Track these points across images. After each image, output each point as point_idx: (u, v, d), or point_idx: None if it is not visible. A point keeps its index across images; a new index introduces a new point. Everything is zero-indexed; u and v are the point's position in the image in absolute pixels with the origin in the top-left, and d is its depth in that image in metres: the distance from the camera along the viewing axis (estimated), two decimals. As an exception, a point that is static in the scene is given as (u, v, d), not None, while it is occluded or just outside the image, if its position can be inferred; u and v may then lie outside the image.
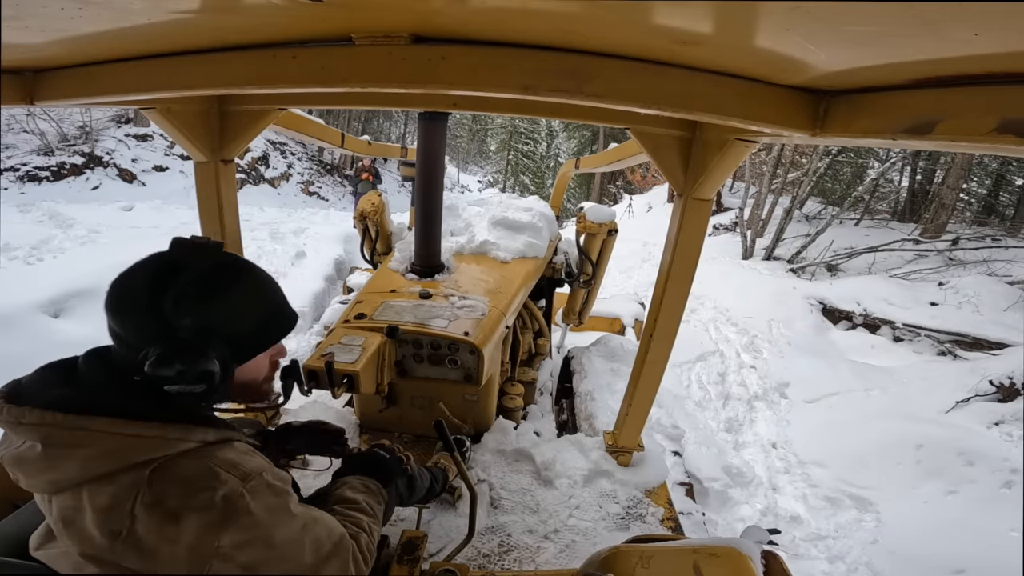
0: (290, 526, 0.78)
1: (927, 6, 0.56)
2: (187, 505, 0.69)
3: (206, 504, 0.70)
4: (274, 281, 0.91)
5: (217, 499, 0.71)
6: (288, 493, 0.81)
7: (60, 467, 0.69)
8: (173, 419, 0.75)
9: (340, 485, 1.11)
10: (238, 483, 0.74)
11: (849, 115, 1.01)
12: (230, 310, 0.80)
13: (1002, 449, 3.94)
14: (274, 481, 0.79)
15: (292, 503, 0.81)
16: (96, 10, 0.85)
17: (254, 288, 0.85)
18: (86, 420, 0.70)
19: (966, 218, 11.01)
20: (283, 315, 0.89)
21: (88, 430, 0.70)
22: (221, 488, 0.72)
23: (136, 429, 0.72)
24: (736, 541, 1.23)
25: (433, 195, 2.40)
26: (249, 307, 0.83)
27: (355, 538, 0.93)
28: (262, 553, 0.74)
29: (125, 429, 0.71)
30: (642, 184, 18.17)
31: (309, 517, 0.83)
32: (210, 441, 0.78)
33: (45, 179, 9.64)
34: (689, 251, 1.75)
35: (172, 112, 1.64)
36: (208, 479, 0.72)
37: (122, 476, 0.69)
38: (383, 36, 1.01)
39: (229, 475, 0.74)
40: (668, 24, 0.82)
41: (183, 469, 0.72)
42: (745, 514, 3.69)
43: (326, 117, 14.34)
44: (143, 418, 0.73)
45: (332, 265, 6.79)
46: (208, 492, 0.71)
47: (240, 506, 0.72)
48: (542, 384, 3.17)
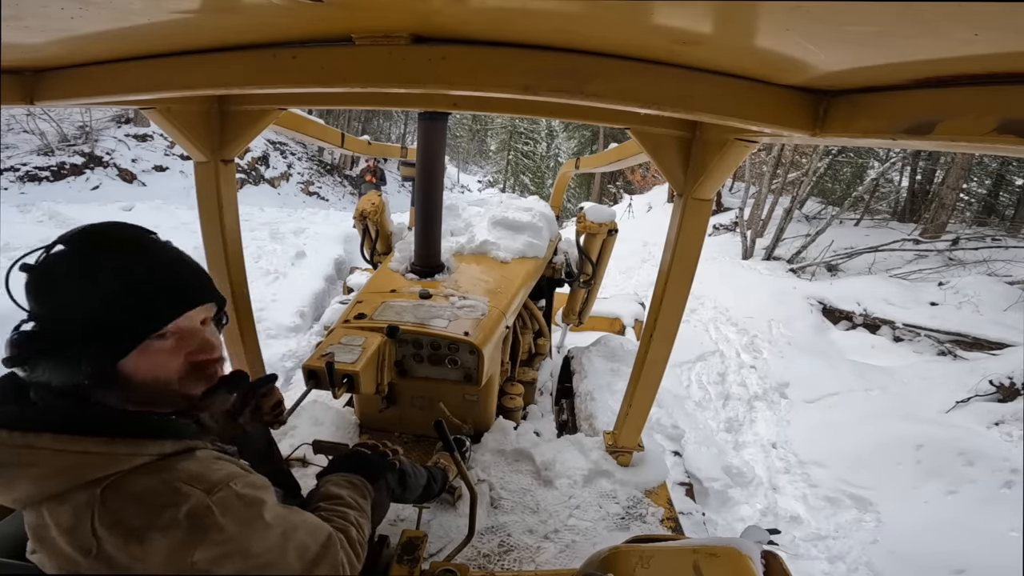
0: (267, 535, 0.74)
1: (927, 6, 0.56)
2: (150, 524, 0.65)
3: (170, 522, 0.66)
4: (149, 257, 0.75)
5: (181, 516, 0.66)
6: (262, 501, 0.76)
7: (15, 486, 0.67)
8: (123, 432, 0.70)
9: (323, 484, 1.10)
10: (203, 496, 0.69)
11: (849, 115, 1.01)
12: (70, 294, 0.70)
13: (1002, 449, 3.94)
14: (244, 490, 0.74)
15: (267, 511, 0.76)
16: (96, 10, 0.85)
17: (105, 265, 0.71)
18: (32, 437, 0.66)
19: (966, 218, 11.01)
20: (144, 295, 0.72)
21: (33, 447, 0.66)
22: (184, 504, 0.67)
23: (83, 446, 0.67)
24: (736, 541, 1.23)
25: (433, 195, 2.40)
26: (93, 288, 0.70)
27: (343, 532, 0.92)
28: (241, 565, 0.70)
29: (70, 446, 0.67)
30: (642, 184, 18.17)
31: (288, 524, 0.78)
32: (168, 453, 0.72)
33: (45, 179, 9.64)
34: (689, 251, 1.75)
35: (172, 112, 1.64)
36: (169, 495, 0.68)
37: (75, 495, 0.66)
38: (383, 36, 1.01)
39: (192, 488, 0.69)
40: (668, 24, 0.82)
41: (138, 485, 0.68)
42: (745, 514, 3.69)
43: (326, 117, 14.34)
44: (90, 433, 0.68)
45: (332, 265, 6.79)
46: (171, 509, 0.67)
47: (208, 522, 0.68)
48: (542, 384, 3.17)
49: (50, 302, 0.71)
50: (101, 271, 0.71)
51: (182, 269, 0.79)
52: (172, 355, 0.76)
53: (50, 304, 0.71)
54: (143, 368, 0.73)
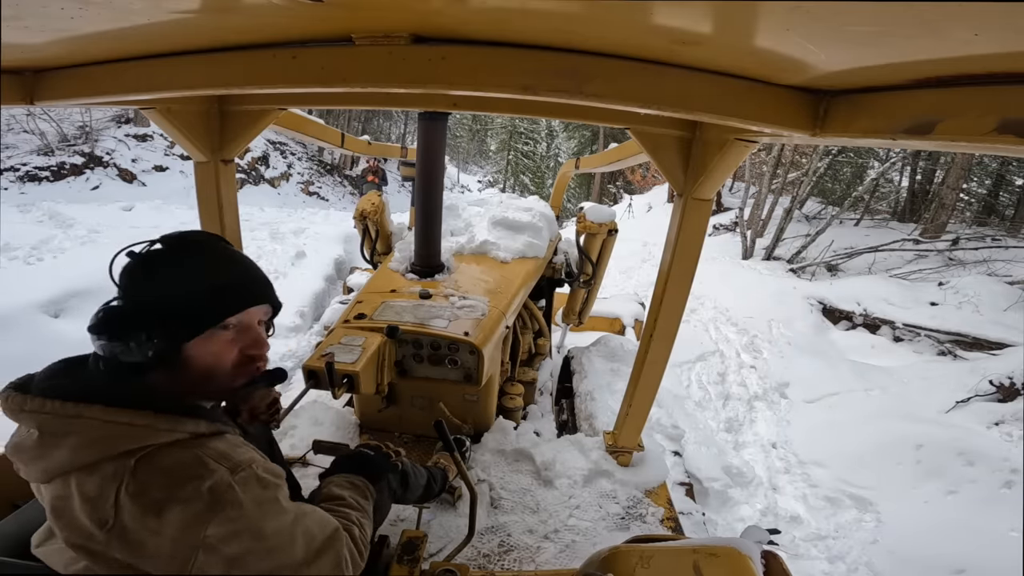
0: (280, 519, 0.77)
1: (927, 6, 0.56)
2: (172, 496, 0.69)
3: (192, 494, 0.70)
4: (226, 259, 0.88)
5: (204, 489, 0.70)
6: (279, 487, 0.80)
7: (51, 455, 0.71)
8: (165, 410, 0.76)
9: (325, 485, 1.11)
10: (227, 473, 0.73)
11: (849, 115, 1.01)
12: (162, 283, 0.80)
13: (1002, 449, 3.94)
14: (264, 474, 0.78)
15: (283, 497, 0.80)
16: (96, 10, 0.85)
17: (190, 261, 0.84)
18: (82, 408, 0.72)
19: (966, 218, 11.02)
20: (221, 289, 0.84)
21: (83, 417, 0.71)
22: (209, 478, 0.71)
23: (128, 417, 0.72)
24: (736, 541, 1.23)
25: (433, 195, 2.40)
26: (179, 279, 0.81)
27: (347, 531, 0.93)
28: (250, 545, 0.73)
29: (117, 417, 0.72)
30: (642, 184, 18.17)
31: (300, 511, 0.82)
32: (202, 432, 0.78)
33: (45, 179, 9.64)
34: (689, 251, 1.75)
35: (172, 112, 1.64)
36: (195, 468, 0.72)
37: (107, 465, 0.70)
38: (383, 36, 1.01)
39: (219, 465, 0.73)
40: (668, 24, 0.82)
41: (169, 459, 0.72)
42: (745, 514, 3.69)
43: (326, 117, 14.34)
44: (136, 407, 0.74)
45: (332, 265, 6.80)
46: (195, 482, 0.71)
47: (228, 497, 0.71)
48: (542, 384, 3.17)
49: (140, 286, 0.81)
50: (185, 266, 0.83)
51: (249, 272, 0.91)
52: (230, 345, 0.85)
53: (140, 288, 0.81)
54: (204, 352, 0.82)
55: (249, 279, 0.89)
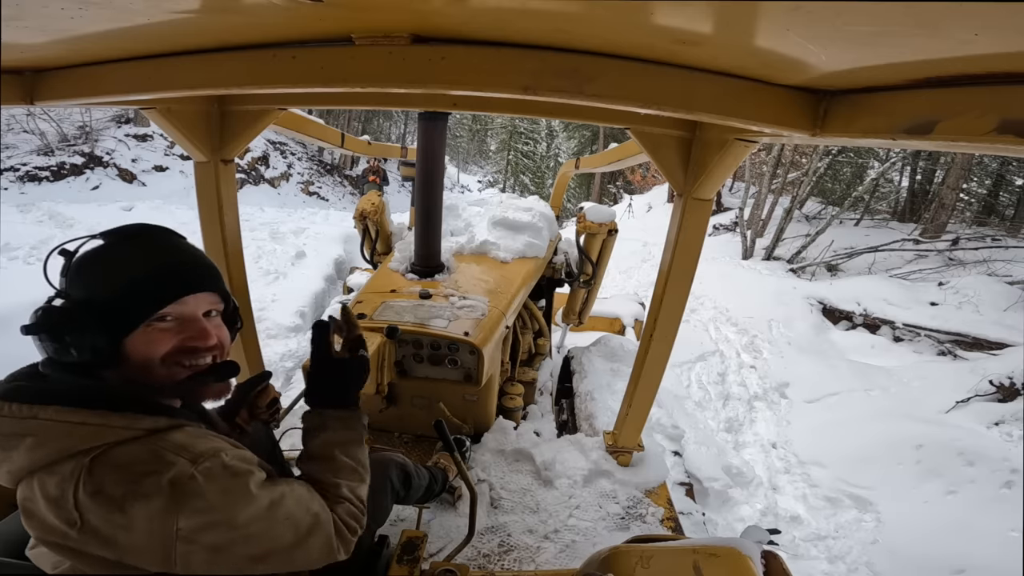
0: (252, 506, 0.75)
1: (927, 6, 0.56)
2: (132, 492, 0.68)
3: (152, 489, 0.68)
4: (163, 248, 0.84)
5: (164, 483, 0.68)
6: (249, 473, 0.77)
7: (11, 457, 0.70)
8: (121, 407, 0.74)
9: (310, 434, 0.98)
10: (188, 465, 0.71)
11: (849, 115, 1.01)
12: (95, 278, 0.79)
13: (1002, 449, 3.94)
14: (231, 461, 0.76)
15: (254, 483, 0.77)
16: (96, 10, 0.85)
17: (124, 253, 0.81)
18: (38, 409, 0.71)
19: (966, 218, 11.01)
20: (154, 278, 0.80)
21: (38, 419, 0.71)
22: (168, 471, 0.69)
23: (81, 417, 0.72)
24: (736, 541, 1.23)
25: (433, 195, 2.40)
26: (112, 272, 0.79)
27: (334, 509, 0.88)
28: (226, 535, 0.72)
29: (71, 417, 0.71)
30: (642, 184, 18.17)
31: (276, 494, 0.79)
32: (160, 428, 0.75)
33: (45, 179, 9.64)
34: (689, 251, 1.75)
35: (172, 112, 1.64)
36: (152, 462, 0.70)
37: (64, 465, 0.69)
38: (383, 36, 1.01)
39: (177, 457, 0.71)
40: (668, 24, 0.82)
41: (125, 455, 0.71)
42: (745, 514, 3.69)
43: (326, 117, 14.35)
44: (90, 406, 0.73)
45: (332, 265, 6.79)
46: (153, 476, 0.69)
47: (190, 489, 0.69)
48: (542, 384, 3.17)
49: (73, 283, 0.79)
50: (117, 259, 0.80)
51: (186, 260, 0.85)
52: (168, 337, 0.81)
53: (73, 285, 0.79)
54: (140, 346, 0.78)
55: (185, 267, 0.84)
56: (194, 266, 0.85)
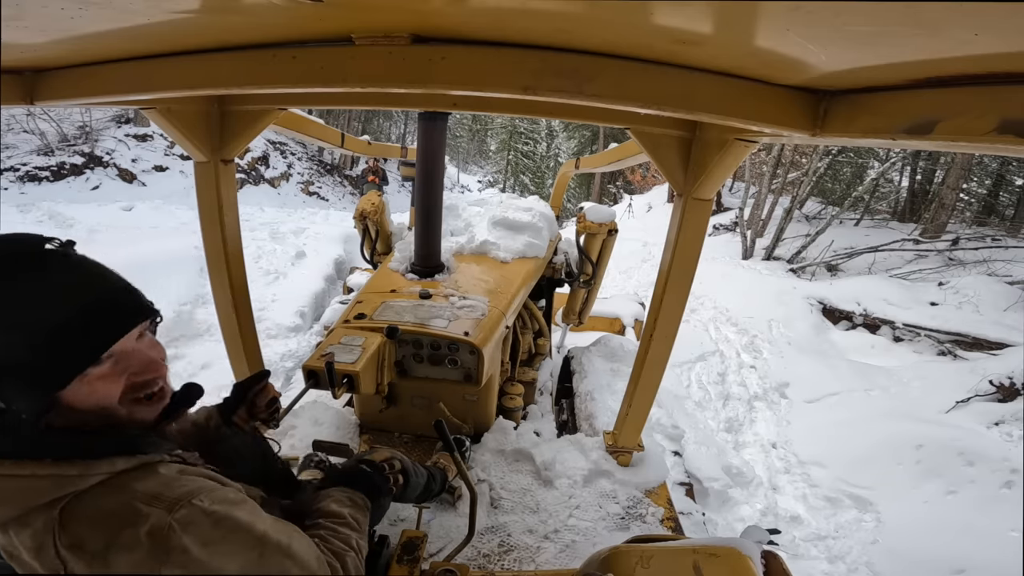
0: (239, 555, 0.71)
1: (927, 6, 0.56)
2: (111, 544, 0.65)
3: (131, 541, 0.65)
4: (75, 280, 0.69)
5: (142, 536, 0.65)
6: (234, 519, 0.72)
7: None
8: (69, 455, 0.68)
9: (324, 498, 1.04)
10: (163, 515, 0.66)
11: (849, 115, 1.01)
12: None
13: (1002, 449, 3.94)
14: (213, 507, 0.70)
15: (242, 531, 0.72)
16: (96, 10, 0.85)
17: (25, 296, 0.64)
18: None
19: (966, 218, 11.02)
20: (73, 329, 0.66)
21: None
22: (143, 523, 0.65)
23: (30, 469, 0.67)
24: (736, 541, 1.23)
25: (433, 195, 2.40)
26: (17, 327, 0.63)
27: (340, 557, 0.88)
28: None
29: (18, 470, 0.66)
30: (642, 184, 18.17)
31: (269, 543, 0.74)
32: (121, 470, 0.70)
33: (45, 179, 9.63)
34: (689, 251, 1.75)
35: (172, 112, 1.64)
36: (126, 516, 0.66)
37: (34, 517, 0.65)
38: (383, 36, 1.01)
39: (151, 508, 0.67)
40: (668, 24, 0.82)
41: (94, 507, 0.66)
42: (745, 514, 3.69)
43: (326, 117, 14.35)
44: (37, 457, 0.67)
45: (332, 265, 6.79)
46: (129, 529, 0.65)
47: (171, 543, 0.66)
48: (542, 384, 3.17)
49: None
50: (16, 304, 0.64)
51: (106, 290, 0.72)
52: (112, 380, 0.71)
53: None
54: (84, 397, 0.69)
55: (107, 304, 0.70)
56: (124, 295, 0.73)
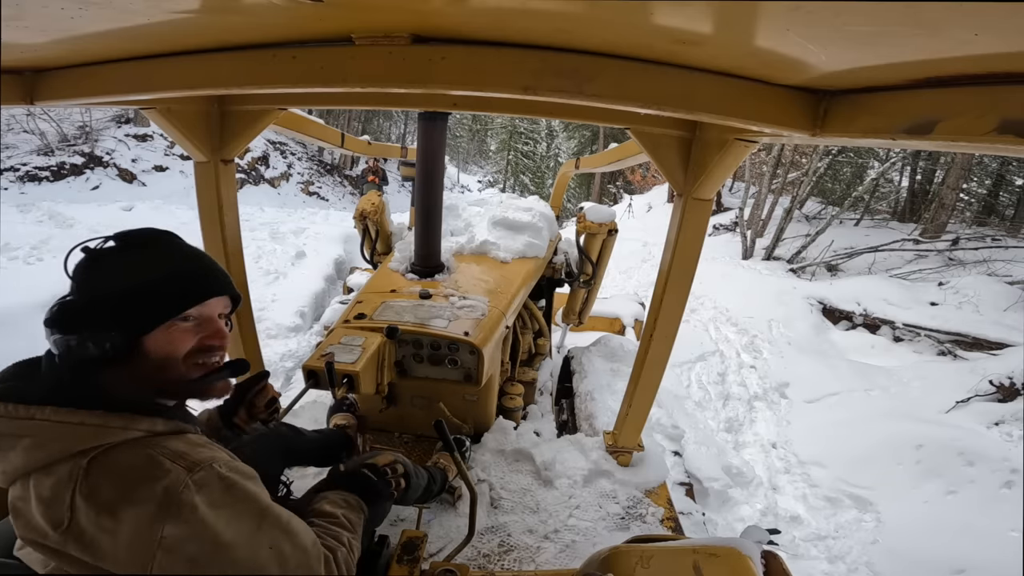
0: (240, 525, 0.74)
1: (927, 6, 0.56)
2: (125, 497, 0.68)
3: (146, 495, 0.68)
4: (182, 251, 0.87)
5: (158, 490, 0.69)
6: (243, 488, 0.77)
7: (7, 457, 0.70)
8: (118, 408, 0.75)
9: (319, 499, 1.07)
10: (183, 473, 0.71)
11: (849, 115, 1.01)
12: (119, 275, 0.80)
13: (1002, 449, 3.94)
14: (228, 474, 0.75)
15: (246, 499, 0.76)
16: (96, 10, 0.85)
17: (145, 253, 0.83)
18: (35, 409, 0.72)
19: (966, 218, 11.02)
20: (179, 279, 0.83)
21: (35, 419, 0.71)
22: (163, 478, 0.70)
23: (79, 418, 0.72)
24: (736, 541, 1.23)
25: (433, 195, 2.40)
26: (135, 270, 0.81)
27: (332, 551, 0.89)
28: (207, 549, 0.70)
29: (69, 418, 0.71)
30: (642, 184, 18.17)
31: (269, 521, 0.78)
32: (159, 431, 0.76)
33: (45, 179, 9.63)
34: (689, 251, 1.75)
35: (172, 112, 1.64)
36: (150, 468, 0.71)
37: (61, 466, 0.69)
38: (383, 36, 1.01)
39: (175, 465, 0.72)
40: (668, 24, 0.82)
41: (122, 459, 0.71)
42: (745, 514, 3.69)
43: (326, 117, 14.35)
44: (87, 407, 0.73)
45: (332, 265, 6.79)
46: (148, 483, 0.69)
47: (183, 499, 0.69)
48: (542, 384, 3.17)
49: (97, 279, 0.80)
50: (142, 258, 0.83)
51: (209, 263, 0.90)
52: (189, 335, 0.83)
53: (96, 281, 0.80)
54: (161, 343, 0.80)
55: (208, 270, 0.88)
56: (218, 271, 0.90)
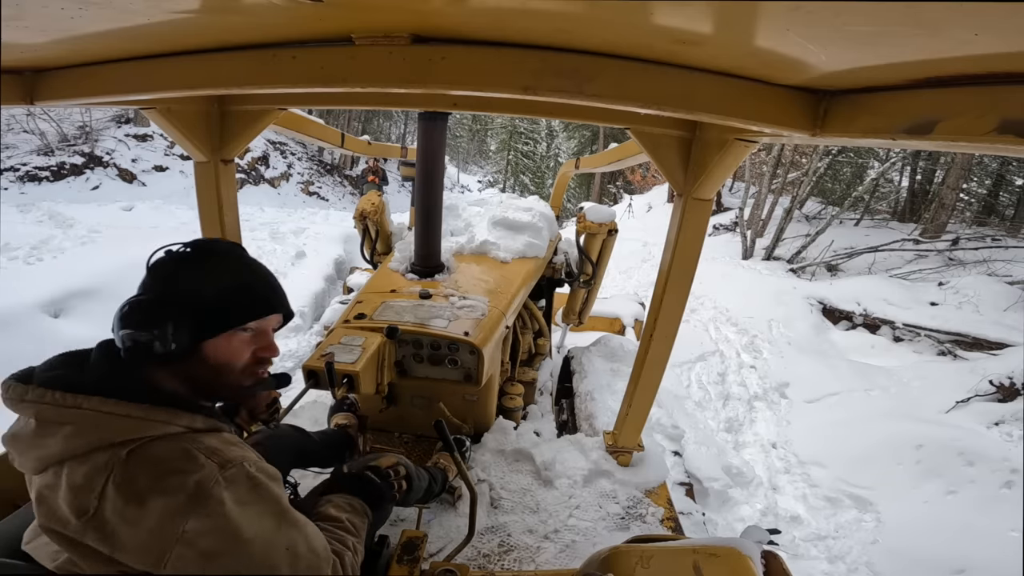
0: (262, 524, 0.76)
1: (927, 6, 0.56)
2: (157, 487, 0.70)
3: (177, 487, 0.70)
4: (251, 266, 0.92)
5: (190, 483, 0.71)
6: (268, 488, 0.79)
7: (46, 443, 0.72)
8: (162, 403, 0.77)
9: (324, 503, 1.08)
10: (215, 469, 0.73)
11: (849, 115, 1.01)
12: (193, 280, 0.84)
13: (1002, 449, 3.94)
14: (256, 473, 0.78)
15: (270, 499, 0.79)
16: (96, 10, 0.85)
17: (219, 264, 0.87)
18: (81, 399, 0.73)
19: (966, 218, 11.02)
20: (248, 292, 0.88)
21: (81, 408, 0.72)
22: (197, 472, 0.72)
23: (125, 409, 0.74)
24: (736, 541, 1.23)
25: (433, 195, 2.40)
26: (209, 279, 0.85)
27: (339, 555, 0.91)
28: (226, 545, 0.72)
29: (115, 409, 0.73)
30: (642, 184, 18.17)
31: (288, 521, 0.80)
32: (197, 428, 0.79)
33: (45, 179, 9.64)
34: (689, 251, 1.75)
35: (172, 112, 1.64)
36: (184, 461, 0.73)
37: (99, 455, 0.71)
38: (383, 36, 1.01)
39: (208, 460, 0.74)
40: (668, 24, 0.82)
41: (159, 450, 0.73)
42: (745, 514, 3.69)
43: (326, 117, 14.35)
44: (134, 400, 0.75)
45: (332, 265, 6.79)
46: (181, 475, 0.71)
47: (212, 493, 0.71)
48: (542, 384, 3.17)
49: (171, 282, 0.84)
50: (215, 267, 0.87)
51: (273, 281, 0.96)
52: (247, 346, 0.89)
53: (170, 283, 0.84)
54: (222, 350, 0.85)
55: (272, 287, 0.94)
56: (279, 289, 0.96)
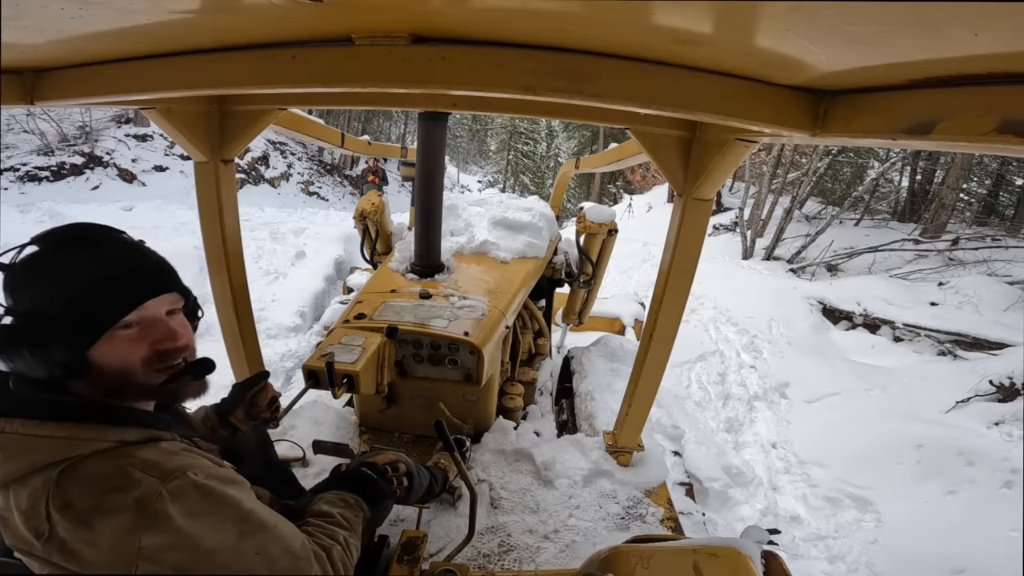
0: (224, 533, 0.72)
1: (927, 6, 0.56)
2: (97, 507, 0.67)
3: (117, 506, 0.67)
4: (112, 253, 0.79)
5: (129, 501, 0.67)
6: (222, 495, 0.74)
7: None
8: (88, 419, 0.73)
9: (317, 500, 1.05)
10: (156, 483, 0.69)
11: (849, 115, 1.01)
12: (42, 290, 0.74)
13: (1002, 449, 3.94)
14: (205, 481, 0.73)
15: (228, 507, 0.74)
16: (96, 10, 0.85)
17: (71, 262, 0.75)
18: (4, 423, 0.71)
19: (966, 218, 11.02)
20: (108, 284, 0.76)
21: (4, 432, 0.70)
22: (134, 489, 0.68)
23: (48, 430, 0.70)
24: (736, 541, 1.23)
25: (433, 195, 2.40)
26: (63, 284, 0.74)
27: (327, 550, 0.87)
28: (191, 558, 0.69)
29: (38, 431, 0.70)
30: (642, 184, 18.18)
31: (253, 525, 0.76)
32: (130, 441, 0.74)
33: (45, 179, 9.64)
34: (689, 251, 1.75)
35: (172, 112, 1.64)
36: (118, 479, 0.69)
37: (34, 478, 0.68)
38: (383, 36, 1.01)
39: (145, 475, 0.69)
40: (668, 24, 0.82)
41: (92, 470, 0.69)
42: (745, 514, 3.69)
43: (326, 117, 14.35)
44: (56, 419, 0.71)
45: (332, 265, 6.79)
46: (119, 494, 0.67)
47: (157, 509, 0.67)
48: (542, 384, 3.17)
49: (24, 298, 0.74)
50: (65, 268, 0.75)
51: (141, 261, 0.82)
52: (137, 343, 0.78)
53: (24, 300, 0.74)
54: (110, 356, 0.76)
55: (138, 270, 0.80)
56: (150, 269, 0.82)
